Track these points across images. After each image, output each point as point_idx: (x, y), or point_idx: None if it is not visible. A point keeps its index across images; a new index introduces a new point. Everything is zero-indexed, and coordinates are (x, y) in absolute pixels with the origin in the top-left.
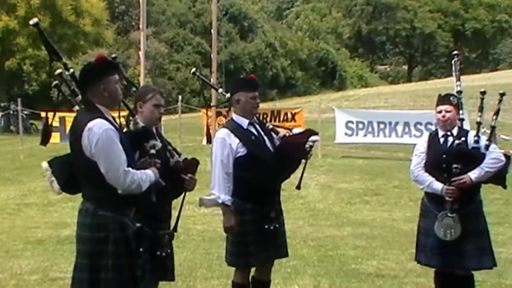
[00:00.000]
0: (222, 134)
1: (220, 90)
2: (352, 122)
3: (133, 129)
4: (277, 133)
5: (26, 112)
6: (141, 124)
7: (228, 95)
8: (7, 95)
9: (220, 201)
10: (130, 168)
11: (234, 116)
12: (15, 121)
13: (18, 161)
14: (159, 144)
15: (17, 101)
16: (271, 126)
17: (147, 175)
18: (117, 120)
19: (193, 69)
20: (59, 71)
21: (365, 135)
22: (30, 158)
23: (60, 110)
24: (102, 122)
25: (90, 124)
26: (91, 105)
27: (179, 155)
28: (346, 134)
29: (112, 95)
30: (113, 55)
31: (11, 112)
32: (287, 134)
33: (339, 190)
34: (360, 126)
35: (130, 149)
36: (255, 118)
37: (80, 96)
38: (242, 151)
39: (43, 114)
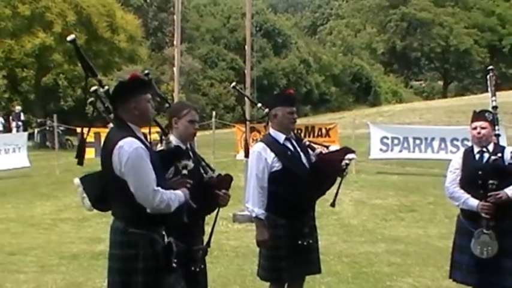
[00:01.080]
0: (258, 148)
1: (259, 105)
2: (387, 138)
3: (166, 148)
4: (313, 149)
5: (61, 128)
6: (173, 143)
7: (267, 110)
8: (43, 111)
9: (253, 214)
10: (160, 188)
11: (271, 131)
12: (51, 137)
13: (54, 177)
14: (191, 164)
15: (52, 116)
16: (308, 143)
17: (177, 195)
18: (148, 138)
19: (233, 84)
20: (94, 88)
21: (400, 151)
22: (66, 173)
23: (95, 126)
24: (132, 141)
25: (120, 142)
26: (122, 123)
27: (213, 170)
28: (381, 149)
29: (142, 114)
30: (146, 71)
31: (47, 128)
32: (323, 151)
33: (373, 206)
34: (395, 141)
35: (160, 168)
36: (292, 134)
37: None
38: (277, 166)
39: (78, 129)
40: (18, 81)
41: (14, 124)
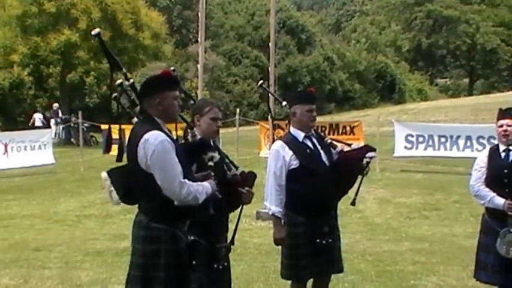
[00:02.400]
0: (277, 146)
1: (284, 103)
2: (412, 136)
3: (191, 141)
4: (334, 147)
5: (86, 125)
6: (198, 137)
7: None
8: (68, 108)
9: (270, 212)
10: (186, 180)
11: (291, 129)
12: (76, 133)
13: (78, 173)
14: (217, 156)
15: (77, 113)
16: (329, 141)
17: (204, 187)
18: (174, 133)
19: (261, 82)
20: (119, 81)
21: (425, 149)
22: (90, 170)
23: (120, 123)
24: (158, 134)
25: (146, 135)
26: (148, 116)
27: (236, 168)
28: (405, 147)
29: (167, 110)
30: (171, 68)
31: (72, 125)
32: (344, 149)
33: (398, 204)
34: (420, 139)
35: (186, 161)
36: (312, 131)
37: (138, 107)
38: (295, 164)
39: (103, 126)
40: (44, 78)
41: (52, 121)
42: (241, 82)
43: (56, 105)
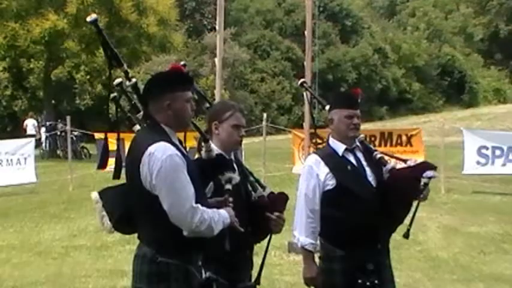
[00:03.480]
0: (311, 162)
1: (327, 106)
2: (487, 148)
3: (206, 157)
4: (385, 164)
5: (76, 133)
6: (215, 151)
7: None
8: (54, 112)
9: (299, 244)
10: (199, 205)
11: (330, 140)
12: (63, 144)
13: (66, 194)
14: (236, 177)
15: (65, 119)
16: (379, 155)
17: (221, 215)
18: (186, 145)
19: (302, 80)
20: (118, 80)
21: (504, 165)
22: (81, 189)
23: (119, 131)
24: (166, 146)
25: (151, 148)
26: (154, 124)
27: (263, 187)
28: (478, 162)
29: (178, 115)
30: (182, 62)
31: (58, 133)
32: (397, 166)
33: (469, 235)
34: (498, 153)
35: (200, 181)
36: (357, 143)
37: (142, 112)
38: (331, 183)
39: (97, 135)
40: (24, 74)
41: (43, 129)
42: (269, 80)
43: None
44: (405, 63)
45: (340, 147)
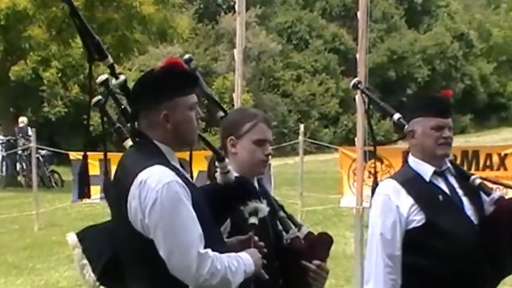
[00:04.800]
0: (387, 190)
1: (396, 116)
2: None
3: (222, 181)
4: (488, 193)
5: (43, 152)
6: (234, 174)
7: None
8: (13, 122)
9: None
10: (209, 250)
11: (410, 160)
12: (27, 167)
13: (30, 236)
14: (265, 208)
15: (28, 133)
16: (479, 180)
17: (242, 262)
18: (191, 169)
19: (356, 79)
20: (102, 77)
21: None
22: (51, 229)
23: (104, 150)
24: (162, 172)
25: (142, 175)
26: (146, 142)
27: (299, 227)
28: None
29: (179, 129)
30: (186, 56)
31: (20, 152)
32: (506, 195)
33: None
34: None
35: (212, 216)
36: (447, 164)
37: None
38: (418, 220)
39: (73, 155)
40: None
41: (20, 142)
42: (308, 79)
43: (23, 120)
44: (497, 55)
45: (426, 170)
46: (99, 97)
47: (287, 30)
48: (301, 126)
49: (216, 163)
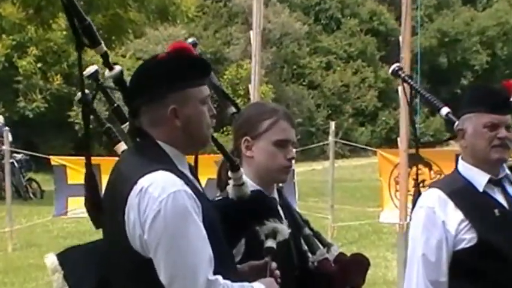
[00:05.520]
0: (431, 202)
1: (444, 110)
2: None
3: (234, 196)
4: None
5: (19, 156)
6: (249, 186)
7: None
8: None
9: None
10: (220, 277)
11: (460, 165)
12: None
13: (3, 258)
14: (285, 229)
15: (1, 133)
16: None
17: None
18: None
19: (395, 65)
20: (91, 68)
21: None
22: (26, 250)
23: (88, 154)
24: (167, 178)
25: (143, 181)
26: (148, 142)
27: (328, 246)
28: None
29: (190, 126)
30: (190, 39)
31: None
32: None
33: None
34: None
35: (224, 237)
36: (505, 170)
37: (128, 124)
38: (469, 239)
39: (55, 160)
40: None
41: None
42: (340, 66)
43: None
44: None
45: (479, 178)
46: (84, 92)
47: (314, 7)
48: (332, 124)
49: (229, 173)
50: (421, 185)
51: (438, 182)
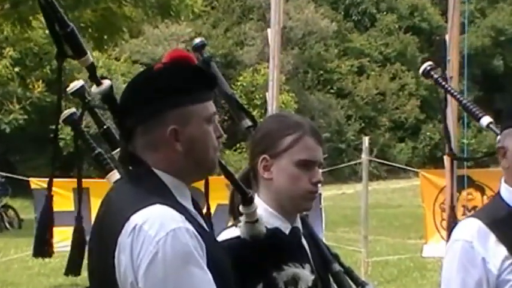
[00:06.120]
0: (468, 234)
1: (486, 120)
2: None
3: (247, 235)
4: None
5: None
6: (263, 220)
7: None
8: None
9: None
10: None
11: (503, 190)
12: None
13: None
14: (307, 276)
15: None
16: None
17: None
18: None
19: (427, 64)
20: (76, 84)
21: None
22: None
23: (78, 175)
24: (166, 214)
25: (137, 218)
26: (142, 170)
27: (362, 285)
28: None
29: (194, 150)
30: (198, 40)
31: None
32: None
33: None
34: None
35: (234, 283)
36: None
37: (119, 149)
38: None
39: (35, 183)
40: None
41: None
42: (374, 71)
43: None
44: None
45: None
46: (72, 110)
47: (344, 1)
48: (365, 140)
49: (241, 207)
50: (472, 212)
51: (478, 210)
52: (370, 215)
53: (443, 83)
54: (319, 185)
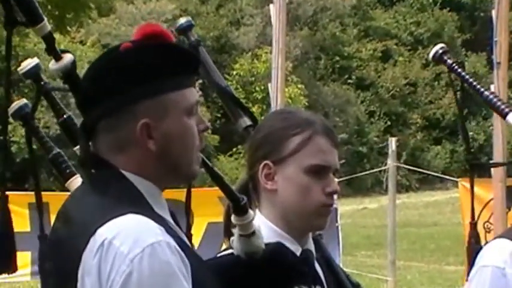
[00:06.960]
0: (497, 259)
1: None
2: None
3: (241, 252)
4: None
5: None
6: (261, 237)
7: None
8: None
9: None
10: None
11: None
12: None
13: None
14: None
15: None
16: None
17: None
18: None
19: (440, 46)
20: (30, 61)
21: None
22: None
23: (37, 188)
24: (141, 226)
25: (105, 232)
26: (109, 173)
27: None
28: None
29: (170, 149)
30: (183, 19)
31: None
32: None
33: None
34: None
35: None
36: None
37: (79, 147)
38: None
39: None
40: None
41: None
42: (402, 56)
43: None
44: None
45: None
46: (23, 101)
47: None
48: (392, 141)
49: (232, 218)
50: None
51: (509, 228)
52: (398, 235)
53: (460, 71)
54: (335, 196)
